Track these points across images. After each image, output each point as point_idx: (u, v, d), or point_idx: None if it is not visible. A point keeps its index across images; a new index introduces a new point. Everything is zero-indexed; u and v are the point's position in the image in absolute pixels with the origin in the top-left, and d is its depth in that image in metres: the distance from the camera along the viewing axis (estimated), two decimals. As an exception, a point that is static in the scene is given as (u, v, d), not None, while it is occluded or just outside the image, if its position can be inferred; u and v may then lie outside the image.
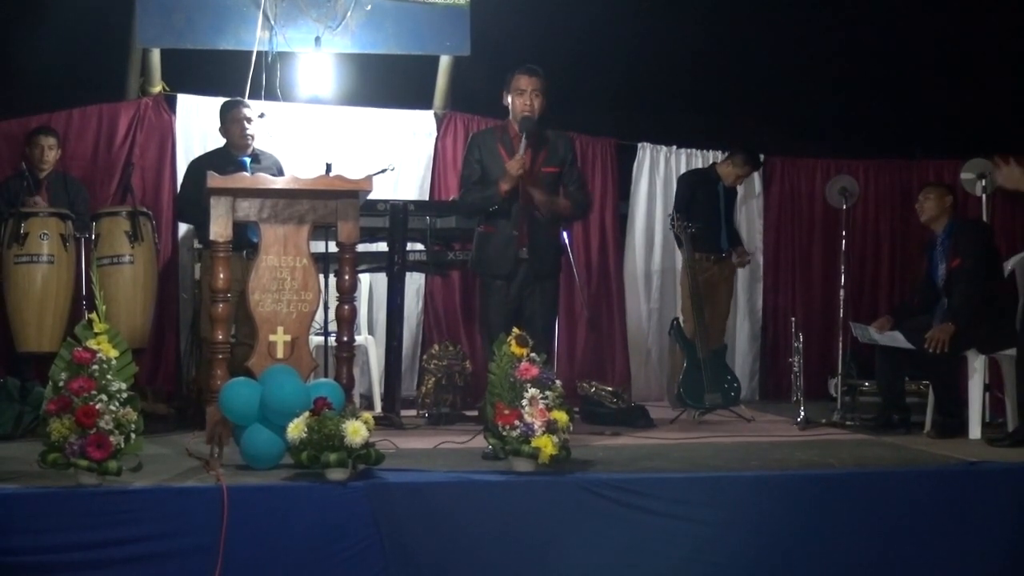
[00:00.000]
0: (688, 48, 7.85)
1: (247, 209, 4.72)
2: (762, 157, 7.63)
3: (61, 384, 3.63)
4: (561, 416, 4.00)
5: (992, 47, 7.90)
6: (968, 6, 7.76)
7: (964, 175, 6.96)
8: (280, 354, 4.64)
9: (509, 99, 5.24)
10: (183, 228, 6.61)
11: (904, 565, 4.11)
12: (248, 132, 5.91)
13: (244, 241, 5.32)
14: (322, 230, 5.15)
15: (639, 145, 7.62)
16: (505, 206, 5.15)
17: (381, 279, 6.34)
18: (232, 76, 6.61)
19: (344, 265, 4.82)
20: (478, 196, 5.23)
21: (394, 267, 5.87)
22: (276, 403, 3.99)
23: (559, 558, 3.87)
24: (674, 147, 7.65)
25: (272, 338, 4.66)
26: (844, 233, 6.65)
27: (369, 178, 4.92)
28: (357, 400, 5.48)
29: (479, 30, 6.89)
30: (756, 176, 7.66)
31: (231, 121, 5.95)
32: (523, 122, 5.15)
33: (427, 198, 7.00)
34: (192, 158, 6.26)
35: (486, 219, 5.27)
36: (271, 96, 6.64)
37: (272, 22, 6.64)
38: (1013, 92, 7.78)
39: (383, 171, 5.85)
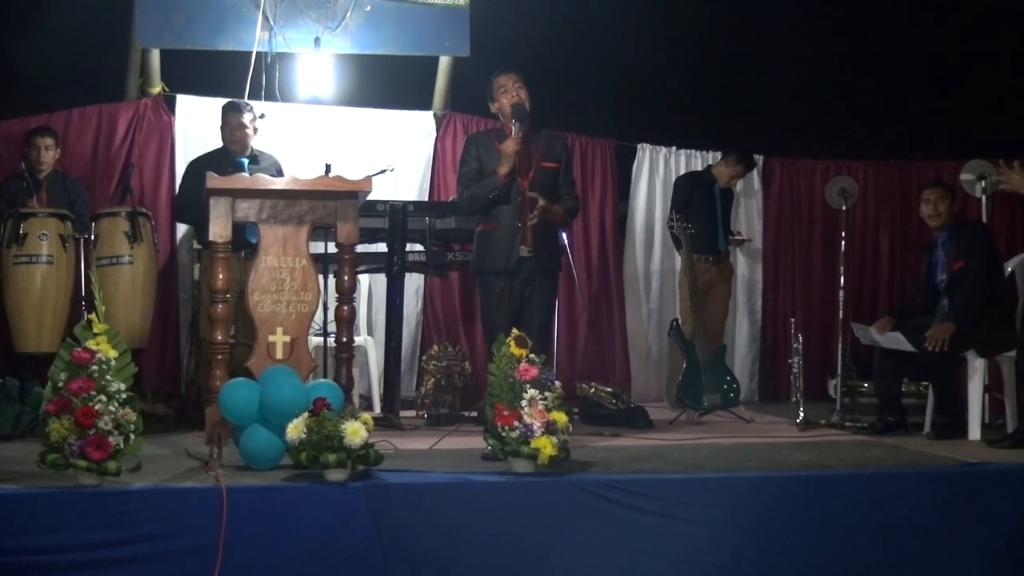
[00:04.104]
0: (688, 49, 7.86)
1: (246, 210, 4.70)
2: (760, 159, 7.65)
3: (60, 384, 3.63)
4: (560, 417, 4.00)
5: (992, 48, 7.90)
6: (969, 7, 7.77)
7: (964, 176, 6.97)
8: (279, 355, 4.62)
9: (496, 102, 5.24)
10: (182, 228, 6.61)
11: (904, 566, 4.11)
12: (240, 134, 5.91)
13: (243, 242, 5.31)
14: (321, 231, 5.15)
15: (639, 146, 7.62)
16: (505, 192, 5.10)
17: (381, 280, 6.33)
18: (232, 77, 6.62)
19: (343, 266, 4.81)
20: (477, 187, 5.18)
21: (393, 268, 5.87)
22: (275, 404, 3.99)
23: (558, 559, 3.87)
24: (674, 148, 7.65)
25: (271, 339, 4.65)
26: (844, 234, 6.65)
27: (368, 179, 4.91)
28: (356, 401, 5.47)
29: (478, 31, 6.89)
30: (755, 174, 7.66)
31: (226, 122, 5.96)
32: (515, 108, 5.11)
33: (426, 199, 7.00)
34: (191, 159, 6.26)
35: (485, 217, 5.22)
36: (271, 97, 6.65)
37: (272, 23, 6.64)
38: (1013, 93, 7.78)
39: (382, 172, 5.85)
